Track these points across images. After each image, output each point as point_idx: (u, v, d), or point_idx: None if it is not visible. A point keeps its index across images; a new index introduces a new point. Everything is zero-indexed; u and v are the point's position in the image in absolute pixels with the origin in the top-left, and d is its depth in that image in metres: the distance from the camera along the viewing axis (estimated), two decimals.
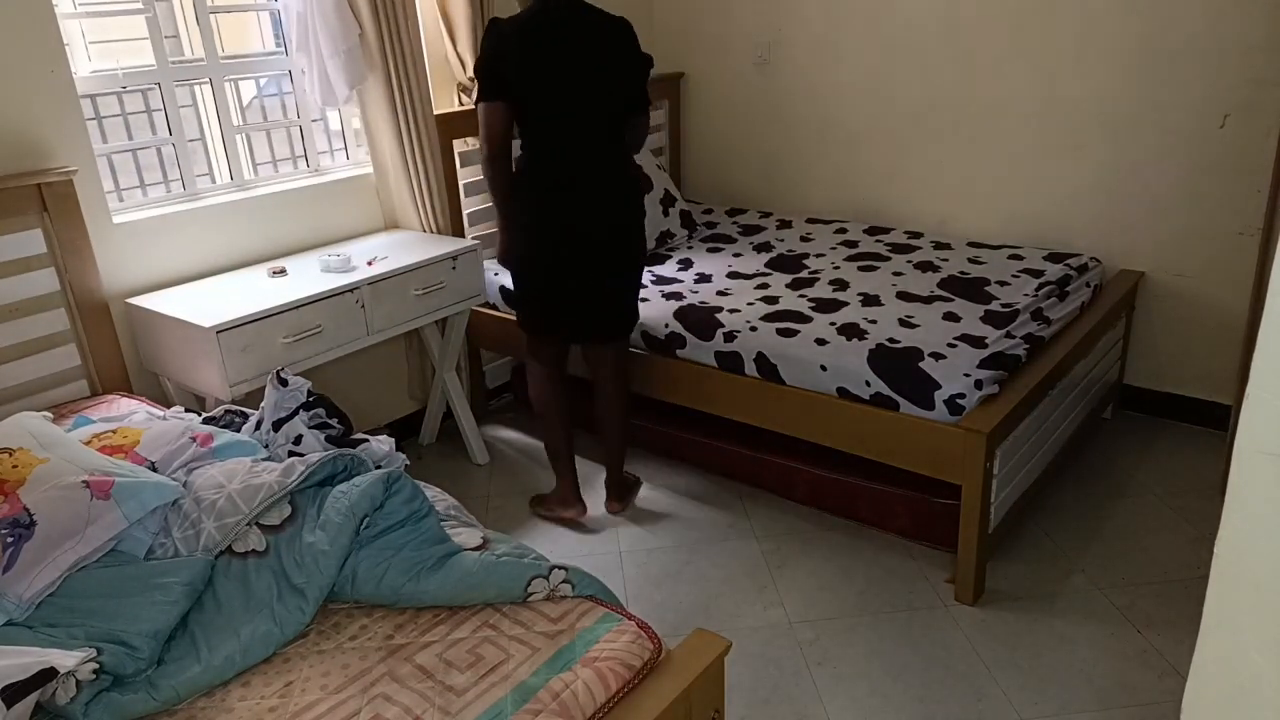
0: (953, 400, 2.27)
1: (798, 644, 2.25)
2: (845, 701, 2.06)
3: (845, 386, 2.44)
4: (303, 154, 3.14)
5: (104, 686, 1.30)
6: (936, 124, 3.45)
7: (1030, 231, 3.33)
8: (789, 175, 3.92)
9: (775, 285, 2.99)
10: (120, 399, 2.34)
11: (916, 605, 2.37)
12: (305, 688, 1.34)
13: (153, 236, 2.58)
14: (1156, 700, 2.02)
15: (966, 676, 2.12)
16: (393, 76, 2.87)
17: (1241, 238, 2.91)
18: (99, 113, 2.81)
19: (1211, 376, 3.08)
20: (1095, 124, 3.10)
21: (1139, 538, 2.59)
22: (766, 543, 2.66)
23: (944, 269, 3.05)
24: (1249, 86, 2.79)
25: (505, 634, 1.43)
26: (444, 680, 1.33)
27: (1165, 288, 3.12)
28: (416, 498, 1.59)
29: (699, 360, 2.71)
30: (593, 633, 1.42)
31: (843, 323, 2.62)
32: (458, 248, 2.84)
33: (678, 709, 1.35)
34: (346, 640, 1.44)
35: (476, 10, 3.11)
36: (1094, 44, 3.03)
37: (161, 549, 1.60)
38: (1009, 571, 2.47)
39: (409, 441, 3.34)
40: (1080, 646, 2.19)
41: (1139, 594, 2.36)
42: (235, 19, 3.33)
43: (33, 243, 2.26)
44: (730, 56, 3.92)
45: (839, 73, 3.64)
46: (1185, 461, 2.96)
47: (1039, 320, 2.62)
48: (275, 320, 2.36)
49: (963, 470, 2.24)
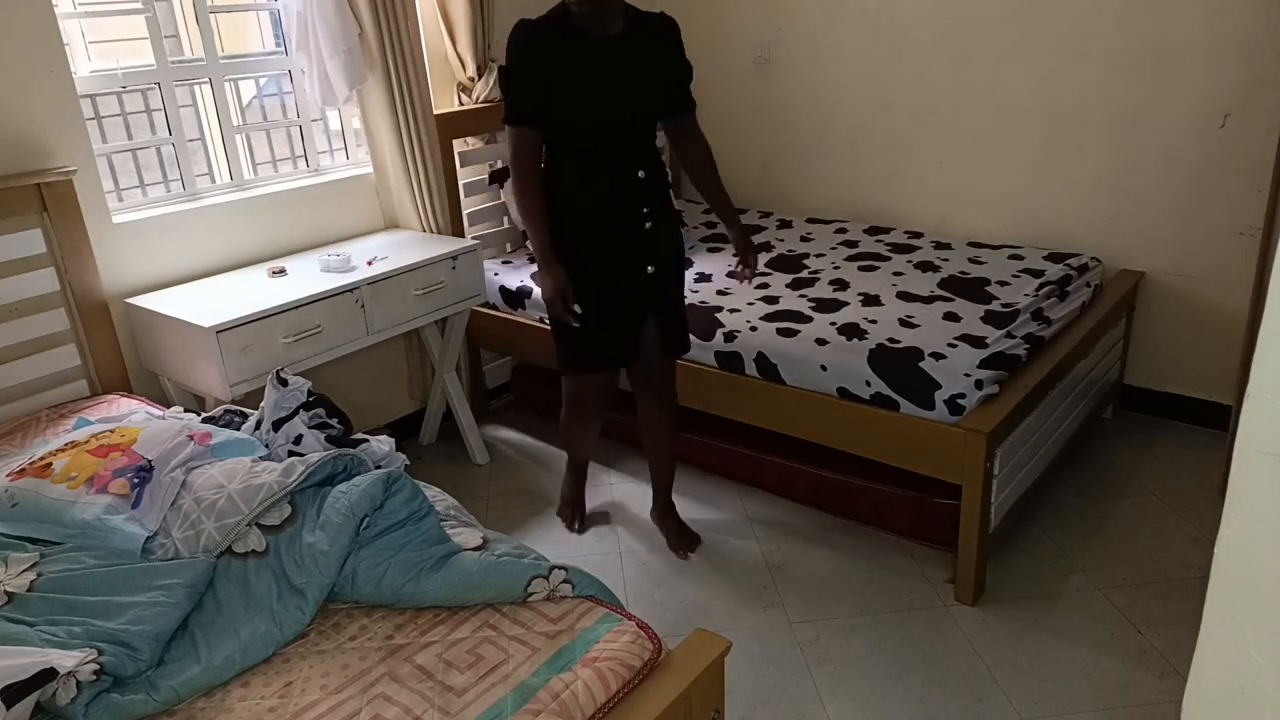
0: (953, 400, 2.27)
1: (798, 644, 2.25)
2: (845, 702, 2.06)
3: (845, 386, 2.44)
4: (302, 154, 3.14)
5: (104, 687, 1.30)
6: (937, 124, 3.45)
7: (1030, 231, 3.33)
8: (789, 175, 3.92)
9: (775, 285, 2.99)
10: (120, 399, 2.34)
11: (917, 605, 2.37)
12: (305, 688, 1.34)
13: (152, 236, 2.58)
14: (1156, 700, 2.02)
15: (967, 677, 2.12)
16: (392, 76, 2.87)
17: (1242, 238, 2.91)
18: (99, 113, 2.81)
19: (1211, 376, 3.08)
20: (1096, 124, 3.10)
21: (1139, 538, 2.59)
22: (766, 543, 2.66)
23: (944, 269, 3.05)
24: (1249, 86, 2.79)
25: (505, 634, 1.43)
26: (444, 680, 1.33)
27: (1165, 288, 3.12)
28: (416, 498, 1.59)
29: (699, 360, 2.71)
30: (593, 633, 1.42)
31: (843, 323, 2.61)
32: (458, 247, 2.83)
33: (678, 709, 1.34)
34: (346, 640, 1.44)
35: (476, 10, 3.11)
36: (1094, 44, 3.03)
37: (161, 549, 1.60)
38: (1009, 572, 2.47)
39: (409, 441, 3.34)
40: (1080, 647, 2.19)
41: (1139, 594, 2.36)
42: (235, 19, 3.33)
43: (32, 243, 2.26)
44: (730, 56, 3.92)
45: (839, 73, 3.63)
46: (1185, 461, 2.96)
47: (1039, 320, 2.62)
48: (275, 320, 2.36)
49: (963, 470, 2.24)
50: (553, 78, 2.11)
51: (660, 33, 2.24)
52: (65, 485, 1.67)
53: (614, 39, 2.16)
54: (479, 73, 3.23)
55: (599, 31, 2.14)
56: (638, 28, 2.19)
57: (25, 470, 1.72)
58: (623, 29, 2.17)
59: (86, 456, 1.73)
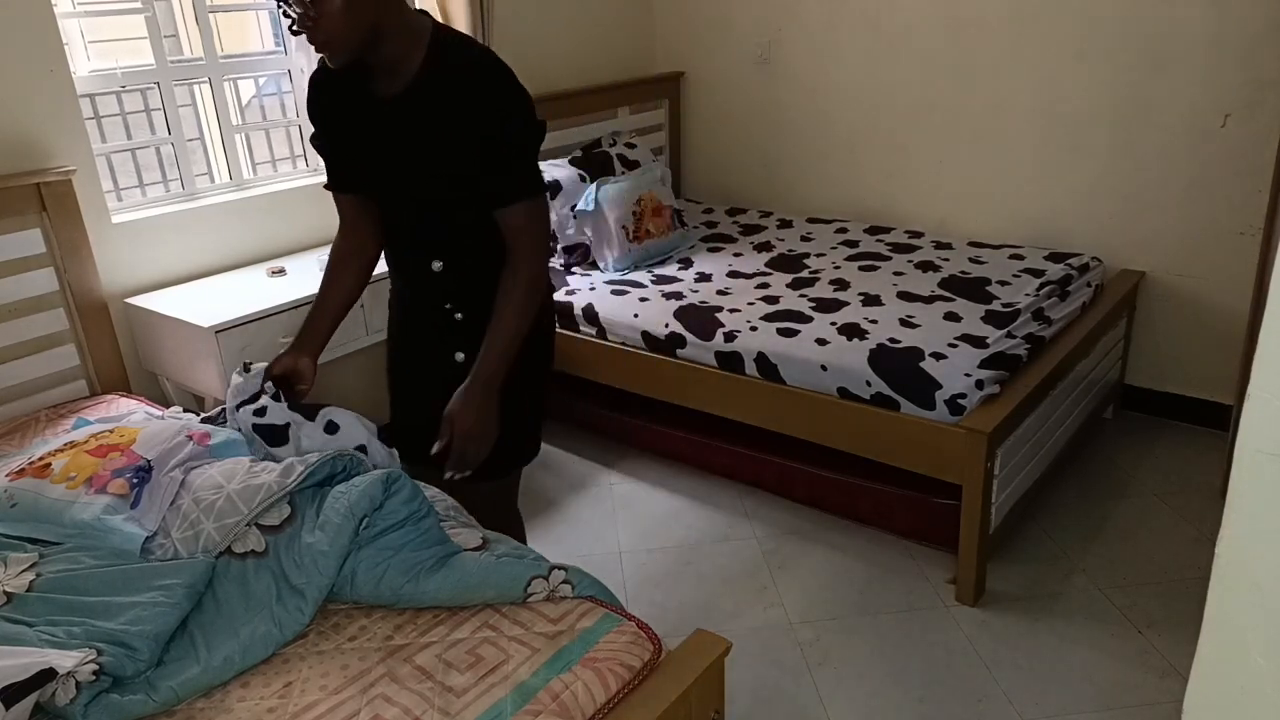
0: (954, 400, 2.27)
1: (798, 644, 2.25)
2: (845, 702, 2.06)
3: (846, 386, 2.44)
4: (302, 154, 3.14)
5: (103, 688, 1.30)
6: (937, 123, 3.45)
7: (1031, 231, 3.33)
8: (789, 175, 3.92)
9: (776, 285, 2.99)
10: (119, 399, 2.34)
11: (917, 605, 2.36)
12: (305, 688, 1.34)
13: (152, 236, 2.57)
14: (1157, 700, 2.02)
15: (967, 677, 2.12)
16: None
17: (1243, 238, 2.91)
18: (98, 112, 2.81)
19: (1212, 376, 3.08)
20: (1096, 124, 3.10)
21: (1140, 538, 2.59)
22: (766, 543, 2.66)
23: (945, 269, 3.05)
24: (1250, 86, 2.79)
25: (505, 634, 1.42)
26: (443, 681, 1.33)
27: (1166, 288, 3.11)
28: (416, 498, 1.59)
29: (699, 360, 2.71)
30: (593, 633, 1.41)
31: (843, 323, 2.61)
32: None
33: (678, 710, 1.34)
34: (346, 641, 1.44)
35: (476, 10, 3.11)
36: (1094, 44, 3.03)
37: (161, 550, 1.59)
38: (1010, 572, 2.47)
39: None
40: (1081, 647, 2.19)
41: (1140, 594, 2.36)
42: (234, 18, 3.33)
43: (32, 243, 2.26)
44: (730, 56, 3.92)
45: (839, 72, 3.63)
46: (1186, 461, 2.96)
47: (1040, 320, 2.62)
48: (274, 320, 2.36)
49: (963, 470, 2.24)
50: (327, 141, 1.77)
51: (453, 96, 1.58)
52: (64, 485, 1.67)
53: (393, 100, 1.62)
54: None
55: (380, 89, 1.64)
56: (429, 88, 1.60)
57: (24, 470, 1.72)
58: (405, 87, 1.61)
59: (85, 457, 1.73)
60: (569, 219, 3.25)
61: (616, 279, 3.13)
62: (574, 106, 3.64)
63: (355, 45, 1.54)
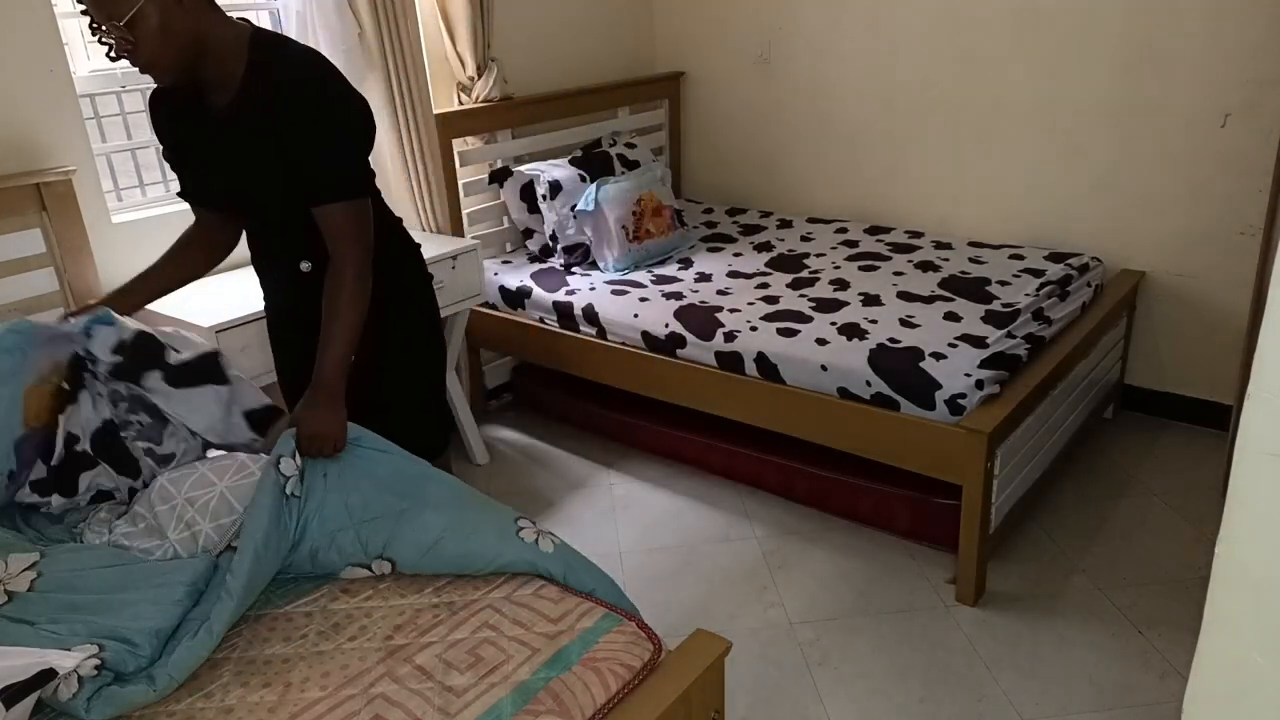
0: (954, 400, 2.27)
1: (798, 644, 2.25)
2: (846, 702, 2.06)
3: (846, 386, 2.44)
4: None
5: (105, 682, 1.30)
6: (937, 123, 3.45)
7: (1031, 231, 3.33)
8: (789, 175, 3.92)
9: (776, 285, 2.99)
10: None
11: (917, 606, 2.36)
12: (305, 688, 1.34)
13: (152, 236, 2.56)
14: (1157, 700, 2.02)
15: (967, 677, 2.12)
16: (392, 76, 2.87)
17: (1243, 238, 2.91)
18: (98, 112, 2.81)
19: (1212, 376, 3.08)
20: (1096, 123, 3.10)
21: (1140, 538, 2.59)
22: (766, 543, 2.66)
23: (945, 269, 3.05)
24: (1250, 86, 2.79)
25: (505, 634, 1.42)
26: (443, 681, 1.33)
27: (1166, 288, 3.11)
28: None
29: (699, 360, 2.71)
30: (592, 633, 1.41)
31: (843, 323, 2.61)
32: (457, 247, 2.83)
33: (678, 710, 1.34)
34: (346, 641, 1.44)
35: (476, 9, 3.11)
36: (1094, 44, 3.03)
37: (160, 551, 1.60)
38: (1010, 572, 2.47)
39: None
40: (1081, 647, 2.19)
41: (1140, 594, 2.36)
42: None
43: (31, 243, 2.26)
44: (730, 56, 3.92)
45: (839, 72, 3.63)
46: (1186, 461, 2.96)
47: (1040, 320, 2.62)
48: None
49: (963, 470, 2.24)
50: (173, 156, 1.79)
51: (272, 102, 1.61)
52: None
53: (223, 111, 1.65)
54: (479, 72, 3.23)
55: (213, 102, 1.66)
56: (251, 96, 1.62)
57: None
58: (231, 98, 1.63)
59: None
60: (569, 219, 3.25)
61: (616, 279, 3.13)
62: (574, 106, 3.64)
63: (178, 64, 1.57)
